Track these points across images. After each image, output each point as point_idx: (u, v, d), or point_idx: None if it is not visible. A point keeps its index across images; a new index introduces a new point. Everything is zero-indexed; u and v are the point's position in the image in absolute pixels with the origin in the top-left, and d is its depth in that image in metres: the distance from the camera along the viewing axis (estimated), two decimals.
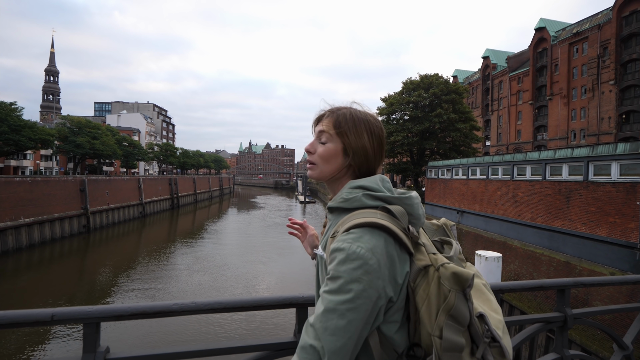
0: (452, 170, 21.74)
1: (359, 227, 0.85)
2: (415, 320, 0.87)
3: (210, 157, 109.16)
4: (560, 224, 12.75)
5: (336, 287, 0.81)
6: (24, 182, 29.03)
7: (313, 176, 1.06)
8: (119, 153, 49.47)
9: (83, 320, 1.08)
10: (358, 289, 0.79)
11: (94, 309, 1.09)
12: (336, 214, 1.00)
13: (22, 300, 17.75)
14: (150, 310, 1.15)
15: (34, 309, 1.07)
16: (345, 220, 0.92)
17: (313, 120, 1.10)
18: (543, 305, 12.47)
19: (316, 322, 0.82)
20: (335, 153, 1.01)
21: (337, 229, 0.92)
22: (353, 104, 1.07)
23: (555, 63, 40.86)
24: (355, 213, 0.92)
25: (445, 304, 0.84)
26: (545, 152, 14.13)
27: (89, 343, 1.10)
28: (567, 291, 1.72)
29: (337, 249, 0.84)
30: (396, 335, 0.87)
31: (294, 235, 1.30)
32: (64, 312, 1.07)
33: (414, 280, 0.88)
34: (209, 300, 1.22)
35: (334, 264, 0.83)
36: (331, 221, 1.02)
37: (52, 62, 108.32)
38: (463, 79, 60.60)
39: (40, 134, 33.09)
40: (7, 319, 1.02)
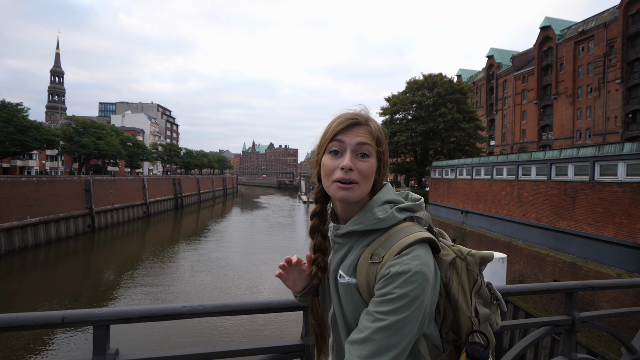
0: (456, 170, 21.65)
1: (413, 244, 0.84)
2: (445, 309, 0.93)
3: (213, 157, 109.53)
4: (566, 224, 12.66)
5: (394, 308, 0.78)
6: (30, 182, 29.29)
7: (352, 199, 0.90)
8: (124, 153, 49.77)
9: (93, 323, 1.09)
10: (416, 305, 0.79)
11: (103, 312, 1.10)
12: (359, 235, 0.93)
13: (29, 298, 17.91)
14: (158, 313, 1.16)
15: (45, 312, 1.08)
16: (385, 240, 0.88)
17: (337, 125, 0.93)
18: (548, 306, 12.40)
19: (365, 342, 0.79)
20: (374, 169, 0.93)
21: (375, 252, 0.87)
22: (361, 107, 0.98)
23: (561, 62, 40.56)
24: (396, 231, 0.89)
25: (476, 286, 0.96)
26: (551, 152, 14.03)
27: (99, 345, 1.11)
28: (575, 294, 1.71)
29: (400, 273, 0.80)
30: (434, 331, 0.93)
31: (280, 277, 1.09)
32: (75, 314, 1.08)
33: (445, 276, 0.94)
34: (217, 303, 1.23)
35: (393, 285, 0.80)
36: (347, 244, 0.94)
37: (58, 63, 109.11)
38: (467, 78, 60.34)
39: (46, 134, 33.36)
40: (19, 321, 1.04)
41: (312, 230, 1.03)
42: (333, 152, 0.92)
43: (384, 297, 0.80)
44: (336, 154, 0.91)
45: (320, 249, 1.01)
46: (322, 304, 1.07)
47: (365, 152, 0.91)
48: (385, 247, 0.86)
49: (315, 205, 1.04)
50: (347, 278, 0.91)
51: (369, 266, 0.86)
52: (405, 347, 0.79)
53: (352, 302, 0.90)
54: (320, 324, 1.09)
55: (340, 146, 0.91)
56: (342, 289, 0.93)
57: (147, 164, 76.94)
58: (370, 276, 0.85)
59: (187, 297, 18.07)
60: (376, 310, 0.80)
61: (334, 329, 1.02)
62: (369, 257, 0.87)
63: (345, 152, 0.90)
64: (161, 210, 54.49)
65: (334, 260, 0.98)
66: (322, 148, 0.95)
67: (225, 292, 18.85)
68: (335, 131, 0.92)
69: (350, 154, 0.90)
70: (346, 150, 0.90)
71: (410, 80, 31.18)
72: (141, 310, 1.14)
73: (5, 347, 12.18)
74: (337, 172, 0.90)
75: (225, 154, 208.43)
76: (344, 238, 0.95)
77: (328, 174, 0.92)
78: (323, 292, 1.05)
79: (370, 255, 0.87)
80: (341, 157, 0.91)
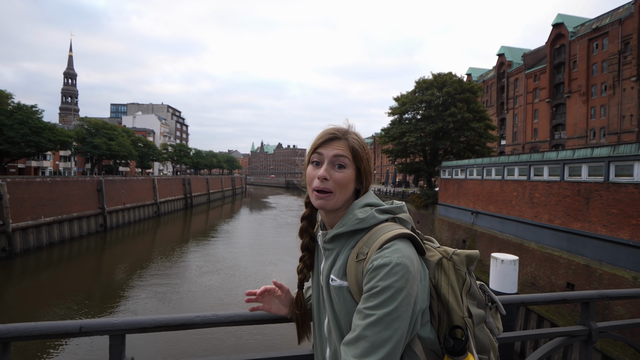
0: (466, 170, 21.42)
1: (392, 239, 0.89)
2: (439, 312, 0.94)
3: (222, 157, 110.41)
4: (580, 225, 12.42)
5: (380, 301, 0.81)
6: (44, 182, 29.93)
7: (327, 207, 0.98)
8: (135, 154, 50.51)
9: (109, 333, 1.11)
10: (401, 297, 0.82)
11: (119, 321, 1.11)
12: (343, 239, 0.98)
13: (43, 297, 18.29)
14: (173, 323, 1.18)
15: (62, 321, 1.10)
16: (367, 240, 0.92)
17: (318, 140, 1.02)
18: (561, 309, 12.18)
19: (359, 340, 0.81)
20: (351, 179, 1.00)
21: (359, 251, 0.92)
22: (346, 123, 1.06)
23: (574, 59, 39.80)
24: (377, 229, 0.94)
25: (465, 285, 0.96)
26: (564, 152, 13.78)
27: (115, 354, 1.12)
28: (591, 304, 1.68)
29: (381, 265, 0.84)
30: (431, 334, 0.93)
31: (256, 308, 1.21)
32: (92, 324, 1.10)
33: (433, 277, 0.96)
34: (230, 312, 1.24)
35: (376, 279, 0.83)
36: (336, 249, 0.99)
37: (71, 66, 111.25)
38: (477, 77, 59.63)
39: (60, 135, 34.05)
40: (38, 331, 1.06)
41: (301, 232, 1.12)
42: (314, 163, 1.01)
43: (370, 292, 0.84)
44: (317, 164, 1.01)
45: (308, 249, 1.10)
46: (317, 315, 1.10)
47: (341, 163, 0.98)
48: (368, 244, 0.91)
49: (305, 209, 1.12)
50: (339, 281, 0.96)
51: (356, 265, 0.90)
52: (397, 342, 0.81)
53: (345, 306, 0.93)
54: (303, 314, 1.18)
55: (319, 158, 1.00)
56: (334, 293, 0.97)
57: (157, 164, 77.95)
58: (358, 274, 0.90)
59: (194, 298, 18.24)
60: (364, 307, 0.84)
61: (330, 338, 1.03)
62: (355, 257, 0.92)
63: (323, 163, 0.99)
64: (171, 210, 55.15)
65: (325, 267, 1.03)
66: (307, 159, 1.05)
67: (233, 293, 18.98)
68: (316, 144, 1.02)
69: (327, 165, 0.98)
70: (324, 162, 0.99)
71: (419, 79, 30.93)
72: (156, 320, 1.15)
73: (22, 352, 12.42)
74: (315, 181, 0.99)
75: (234, 154, 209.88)
76: (332, 243, 1.01)
77: (309, 182, 1.01)
78: (317, 302, 1.10)
79: (356, 254, 0.92)
80: (320, 167, 0.99)
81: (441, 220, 23.62)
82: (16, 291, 19.45)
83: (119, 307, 16.99)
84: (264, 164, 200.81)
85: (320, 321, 1.08)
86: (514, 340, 1.61)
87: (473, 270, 1.00)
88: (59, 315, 15.93)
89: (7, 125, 29.07)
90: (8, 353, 1.06)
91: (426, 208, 26.57)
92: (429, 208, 26.12)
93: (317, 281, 1.10)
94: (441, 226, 23.47)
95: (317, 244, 1.11)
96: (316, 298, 1.11)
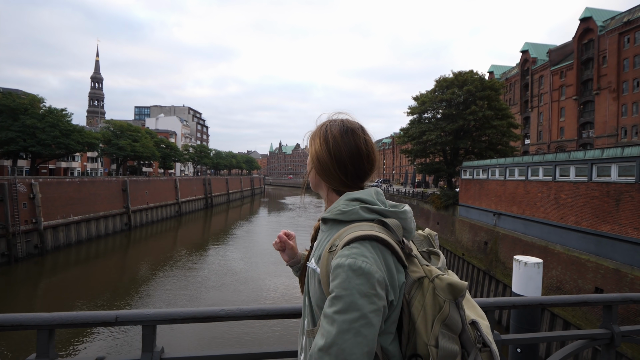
0: (488, 170, 20.92)
1: (358, 240, 0.86)
2: (409, 331, 0.89)
3: (242, 158, 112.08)
4: (609, 228, 11.92)
5: (346, 306, 0.79)
6: (73, 182, 31.28)
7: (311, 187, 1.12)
8: (157, 155, 51.98)
9: (142, 323, 1.19)
10: (369, 303, 0.80)
11: (151, 313, 1.19)
12: (330, 225, 1.00)
13: (74, 291, 19.13)
14: (200, 315, 1.25)
15: (100, 311, 1.19)
16: (342, 233, 0.92)
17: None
18: (588, 314, 11.73)
19: (331, 347, 0.78)
20: (308, 163, 1.09)
21: (333, 242, 0.91)
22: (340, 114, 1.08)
23: (603, 55, 38.13)
24: (353, 226, 0.93)
25: (441, 313, 0.87)
26: (592, 152, 13.25)
27: (147, 343, 1.20)
28: (614, 307, 1.64)
29: (340, 265, 0.82)
30: (391, 346, 0.90)
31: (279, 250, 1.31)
32: (126, 314, 1.18)
33: (408, 292, 0.90)
34: (253, 307, 1.30)
35: (338, 281, 0.82)
36: (325, 232, 1.01)
37: (97, 70, 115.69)
38: (500, 74, 58.06)
39: (87, 137, 35.51)
40: (79, 320, 1.15)
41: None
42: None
43: (333, 295, 0.82)
44: None
45: (314, 238, 1.12)
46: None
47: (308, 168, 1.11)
48: (341, 238, 0.90)
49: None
50: (315, 265, 0.96)
51: (328, 256, 0.89)
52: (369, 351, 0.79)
53: (314, 291, 0.94)
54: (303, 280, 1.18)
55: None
56: (310, 275, 0.98)
57: (179, 164, 79.97)
58: (328, 265, 0.88)
59: (215, 294, 18.62)
60: (328, 311, 0.82)
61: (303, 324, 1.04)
62: (329, 247, 0.91)
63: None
64: (192, 209, 56.43)
65: (315, 247, 1.05)
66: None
67: (253, 290, 19.26)
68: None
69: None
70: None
71: (439, 78, 30.37)
72: (185, 312, 1.23)
73: (60, 339, 13.08)
74: None
75: (253, 154, 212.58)
76: (324, 225, 1.03)
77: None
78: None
79: (330, 245, 0.91)
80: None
81: (462, 222, 23.16)
82: (49, 285, 20.44)
83: (146, 300, 17.59)
84: (282, 165, 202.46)
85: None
86: (536, 342, 1.60)
87: (461, 303, 0.90)
88: (90, 306, 16.67)
89: (39, 128, 30.57)
90: (53, 339, 1.15)
91: (446, 209, 26.11)
92: (449, 209, 25.65)
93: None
94: (462, 228, 23.01)
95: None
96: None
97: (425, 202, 30.32)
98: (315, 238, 1.11)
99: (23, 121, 29.75)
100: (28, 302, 17.70)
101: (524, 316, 2.50)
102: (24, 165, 40.21)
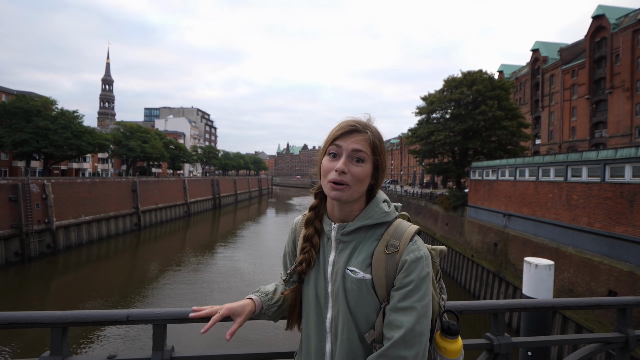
0: (497, 171, 20.68)
1: (416, 234, 0.98)
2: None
3: (249, 159, 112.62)
4: (623, 230, 11.67)
5: (423, 293, 0.91)
6: (84, 183, 31.79)
7: (343, 198, 0.96)
8: (166, 155, 52.52)
9: (153, 322, 1.20)
10: (429, 284, 0.94)
11: (162, 312, 1.21)
12: (363, 231, 1.00)
13: (86, 289, 19.44)
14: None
15: (112, 310, 1.21)
16: (392, 232, 0.98)
17: (337, 131, 0.99)
18: (601, 317, 11.50)
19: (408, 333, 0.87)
20: (369, 174, 0.99)
21: (389, 243, 0.96)
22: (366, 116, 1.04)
23: (617, 53, 37.41)
24: (398, 223, 1.01)
25: (438, 274, 1.07)
26: (605, 152, 13.00)
27: (158, 342, 1.22)
28: (629, 311, 1.61)
29: (418, 258, 0.93)
30: None
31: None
32: (137, 313, 1.20)
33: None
34: None
35: (416, 273, 0.92)
36: (353, 241, 0.99)
37: (108, 73, 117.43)
38: (510, 74, 57.34)
39: (98, 138, 36.06)
40: (91, 318, 1.17)
41: (307, 222, 1.10)
42: (331, 155, 0.99)
43: (409, 287, 0.90)
44: (334, 156, 0.99)
45: (310, 240, 1.06)
46: (315, 310, 1.04)
47: (360, 157, 0.96)
48: (396, 237, 0.96)
49: (314, 200, 1.13)
50: (361, 274, 0.94)
51: (387, 257, 0.92)
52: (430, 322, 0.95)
53: (362, 299, 0.93)
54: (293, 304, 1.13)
55: (337, 150, 0.98)
56: (353, 286, 0.95)
57: (187, 165, 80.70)
58: (389, 266, 0.91)
59: (224, 294, 18.74)
60: (406, 304, 0.89)
61: (335, 333, 0.98)
62: (385, 249, 0.93)
63: (341, 156, 0.97)
64: (200, 210, 56.87)
65: (339, 260, 0.99)
66: (323, 150, 1.03)
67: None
68: (335, 136, 0.99)
69: (345, 158, 0.96)
70: (342, 154, 0.97)
71: (448, 78, 30.09)
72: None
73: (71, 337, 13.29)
74: (332, 174, 0.96)
75: (260, 155, 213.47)
76: (351, 235, 1.00)
77: (325, 174, 0.99)
78: (316, 297, 1.04)
79: (385, 247, 0.94)
80: (338, 160, 0.97)
81: (471, 223, 22.92)
82: (61, 284, 20.80)
83: (155, 300, 17.78)
84: (289, 165, 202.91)
85: (320, 317, 1.02)
86: (548, 345, 1.57)
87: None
88: (101, 305, 16.92)
89: (52, 130, 31.14)
90: (66, 337, 1.18)
91: (455, 210, 25.87)
92: (458, 210, 25.41)
93: (318, 275, 1.04)
94: (471, 229, 22.77)
95: (322, 237, 1.06)
96: (315, 293, 1.04)
97: (434, 203, 30.08)
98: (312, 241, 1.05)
99: (36, 123, 30.35)
100: (41, 300, 18.04)
101: (535, 319, 2.46)
102: (37, 166, 41.01)
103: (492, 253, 19.34)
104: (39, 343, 13.04)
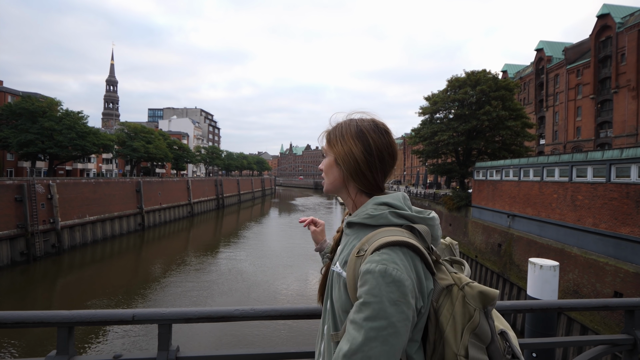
0: (501, 171, 20.58)
1: (389, 245, 0.83)
2: (435, 340, 0.86)
3: (253, 159, 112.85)
4: (629, 230, 11.57)
5: (374, 313, 0.77)
6: (89, 183, 32.00)
7: (325, 190, 1.07)
8: (170, 156, 52.74)
9: (158, 322, 1.21)
10: (398, 312, 0.77)
11: (167, 312, 1.21)
12: (356, 229, 0.97)
13: (91, 289, 19.56)
14: (214, 315, 1.26)
15: (118, 310, 1.21)
16: (371, 237, 0.89)
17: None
18: (607, 319, 11.40)
19: (356, 354, 0.76)
20: (330, 164, 1.03)
21: (361, 247, 0.89)
22: (355, 114, 1.04)
23: (622, 52, 37.12)
24: (381, 231, 0.90)
25: (471, 322, 0.84)
26: (610, 152, 12.90)
27: (163, 342, 1.22)
28: (637, 312, 1.59)
29: (370, 271, 0.80)
30: (416, 355, 0.87)
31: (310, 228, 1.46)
32: (143, 313, 1.20)
33: (436, 300, 0.87)
34: (267, 307, 1.30)
35: (367, 287, 0.79)
36: (350, 236, 0.98)
37: (112, 73, 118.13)
38: (514, 73, 57.07)
39: (103, 139, 36.29)
40: (97, 318, 1.17)
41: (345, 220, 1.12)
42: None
43: (362, 301, 0.79)
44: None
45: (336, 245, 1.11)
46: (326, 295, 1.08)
47: (323, 153, 1.08)
48: (370, 242, 0.87)
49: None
50: (340, 269, 0.93)
51: (355, 260, 0.87)
52: (396, 358, 0.78)
53: (340, 297, 0.90)
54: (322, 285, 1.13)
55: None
56: (335, 280, 0.95)
57: (191, 166, 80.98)
58: (356, 269, 0.86)
59: (227, 294, 18.77)
60: (358, 317, 0.79)
61: (322, 326, 1.01)
62: (357, 252, 0.88)
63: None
64: (204, 210, 57.06)
65: (340, 251, 1.01)
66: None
67: (265, 291, 19.35)
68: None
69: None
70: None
71: (451, 78, 29.99)
72: (199, 312, 1.24)
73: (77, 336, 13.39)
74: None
75: (263, 155, 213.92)
76: (348, 229, 1.01)
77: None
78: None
79: (358, 249, 0.89)
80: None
81: (475, 223, 22.82)
82: (66, 283, 20.94)
83: (159, 299, 17.86)
84: (292, 165, 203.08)
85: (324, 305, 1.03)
86: (553, 347, 1.56)
87: (491, 312, 0.88)
88: (106, 305, 17.02)
89: (57, 131, 31.38)
90: (72, 336, 1.18)
91: (459, 210, 25.77)
92: (462, 210, 25.31)
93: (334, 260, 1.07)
94: (475, 229, 22.68)
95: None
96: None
97: (437, 204, 29.99)
98: (338, 244, 1.09)
99: (41, 123, 30.60)
100: (46, 300, 18.17)
101: (540, 320, 2.45)
102: (42, 167, 41.33)
103: (496, 254, 19.24)
104: (44, 342, 13.14)
